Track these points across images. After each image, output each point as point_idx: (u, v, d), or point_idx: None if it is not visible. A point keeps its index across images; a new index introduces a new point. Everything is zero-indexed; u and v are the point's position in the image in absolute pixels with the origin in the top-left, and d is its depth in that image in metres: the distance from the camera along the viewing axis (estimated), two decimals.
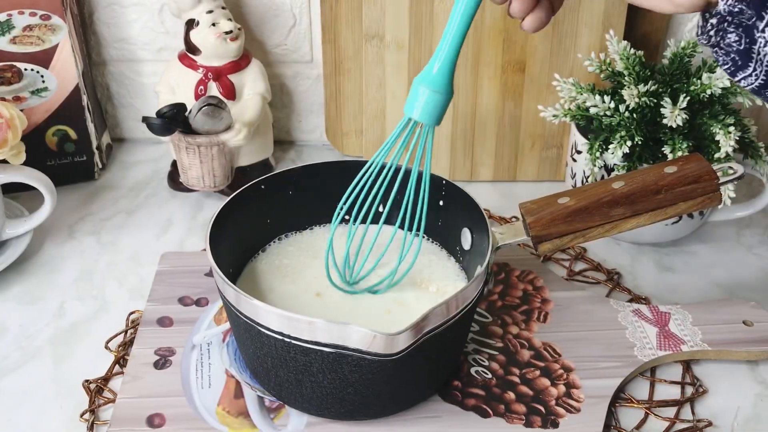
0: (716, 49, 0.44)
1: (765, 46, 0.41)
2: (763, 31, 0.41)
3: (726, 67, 0.44)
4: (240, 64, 0.81)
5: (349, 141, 0.89)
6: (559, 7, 0.51)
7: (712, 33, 0.43)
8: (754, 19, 0.41)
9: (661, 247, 0.77)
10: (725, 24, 0.42)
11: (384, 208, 0.57)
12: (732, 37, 0.43)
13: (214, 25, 0.78)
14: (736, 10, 0.41)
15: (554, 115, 0.74)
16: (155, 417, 0.57)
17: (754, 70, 0.43)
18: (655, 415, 0.59)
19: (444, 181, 0.63)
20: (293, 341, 0.51)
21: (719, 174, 0.56)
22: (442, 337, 0.52)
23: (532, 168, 0.86)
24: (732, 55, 0.43)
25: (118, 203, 0.84)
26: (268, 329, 0.51)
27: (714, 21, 0.43)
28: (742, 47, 0.43)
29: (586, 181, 0.75)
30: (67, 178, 0.85)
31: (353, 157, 0.90)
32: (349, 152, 0.90)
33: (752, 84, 0.44)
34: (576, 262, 0.74)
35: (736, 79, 0.44)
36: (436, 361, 0.56)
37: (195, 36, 0.79)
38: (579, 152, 0.75)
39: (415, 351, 0.50)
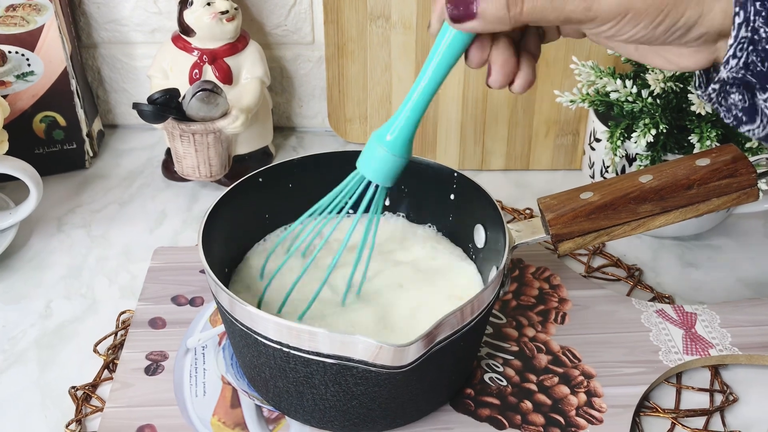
0: (717, 106, 0.43)
1: None
2: (766, 101, 0.40)
3: (729, 121, 0.43)
4: (237, 46, 0.77)
5: (353, 127, 0.84)
6: (539, 53, 0.47)
7: (713, 96, 0.43)
8: (758, 86, 0.40)
9: (684, 241, 0.72)
10: (727, 87, 0.41)
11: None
12: (735, 97, 0.42)
13: (209, 4, 0.74)
14: (740, 76, 0.40)
15: (571, 101, 0.70)
16: (146, 428, 0.53)
17: (760, 123, 0.42)
18: (683, 425, 0.55)
19: (455, 174, 0.59)
20: (293, 351, 0.47)
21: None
22: (455, 345, 0.48)
23: (546, 156, 0.82)
24: (735, 112, 0.42)
25: (109, 193, 0.79)
26: (266, 338, 0.47)
27: (716, 86, 0.42)
28: (747, 104, 0.41)
29: (606, 171, 0.71)
30: (56, 167, 0.81)
31: (357, 146, 0.85)
32: (352, 139, 0.85)
33: (759, 135, 0.42)
34: (594, 257, 0.70)
35: (741, 130, 0.43)
36: (448, 370, 0.52)
37: (189, 16, 0.74)
38: (598, 140, 0.71)
39: (426, 362, 0.46)
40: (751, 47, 0.39)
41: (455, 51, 0.44)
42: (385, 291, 0.56)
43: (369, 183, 0.50)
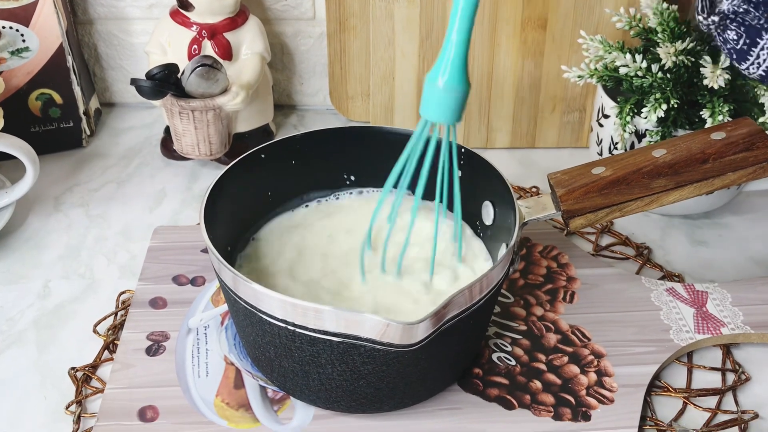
0: (715, 35, 0.43)
1: None
2: None
3: (725, 53, 0.43)
4: (237, 21, 0.75)
5: (355, 105, 0.83)
6: None
7: (712, 27, 0.42)
8: (761, 21, 0.39)
9: (693, 220, 0.71)
10: (727, 21, 0.41)
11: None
12: (731, 35, 0.41)
13: None
14: (741, 10, 0.40)
15: (579, 76, 0.68)
16: (147, 410, 0.52)
17: (751, 65, 0.42)
18: (695, 405, 0.54)
19: (463, 149, 0.57)
20: (298, 330, 0.45)
21: None
22: (464, 324, 0.47)
23: (552, 133, 0.80)
24: (729, 48, 0.42)
25: (107, 173, 0.78)
26: (271, 316, 0.46)
27: (716, 18, 0.41)
28: (739, 46, 0.41)
29: (614, 147, 0.69)
30: (52, 146, 0.79)
31: (360, 123, 0.84)
32: (354, 117, 0.84)
33: (752, 73, 0.42)
34: (602, 235, 0.69)
35: (735, 66, 0.43)
36: (457, 349, 0.50)
37: None
38: (606, 116, 0.69)
39: (435, 340, 0.45)
40: None
41: None
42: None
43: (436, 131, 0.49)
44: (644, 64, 0.65)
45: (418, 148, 0.49)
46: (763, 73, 0.41)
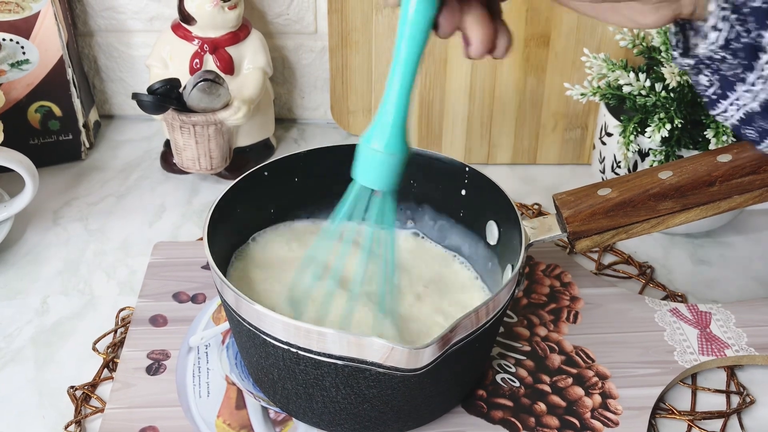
0: (689, 74, 0.41)
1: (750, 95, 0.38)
2: (747, 92, 0.37)
3: (697, 92, 0.41)
4: (239, 35, 0.75)
5: (356, 120, 0.82)
6: (501, 12, 0.43)
7: (687, 68, 0.40)
8: (737, 70, 0.37)
9: (695, 238, 0.71)
10: (701, 66, 0.39)
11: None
12: (703, 80, 0.39)
13: None
14: (718, 57, 0.37)
15: (582, 94, 0.68)
16: (148, 430, 0.51)
17: (717, 115, 0.40)
18: (700, 428, 0.53)
19: (467, 168, 0.57)
20: (302, 353, 0.45)
21: None
22: (470, 347, 0.47)
23: (553, 150, 0.80)
24: (700, 89, 0.40)
25: (106, 186, 0.77)
26: (274, 338, 0.45)
27: (691, 62, 0.39)
28: (707, 92, 0.39)
29: (617, 166, 0.69)
30: (51, 159, 0.79)
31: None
32: (355, 132, 0.83)
33: (726, 121, 0.40)
34: (605, 254, 0.69)
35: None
36: (462, 372, 0.50)
37: (190, 4, 0.72)
38: (609, 134, 0.69)
39: (441, 364, 0.44)
40: (734, 16, 0.36)
41: (425, 18, 0.40)
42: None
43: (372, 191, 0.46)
44: (648, 83, 0.65)
45: (355, 213, 0.46)
46: (737, 123, 0.39)
